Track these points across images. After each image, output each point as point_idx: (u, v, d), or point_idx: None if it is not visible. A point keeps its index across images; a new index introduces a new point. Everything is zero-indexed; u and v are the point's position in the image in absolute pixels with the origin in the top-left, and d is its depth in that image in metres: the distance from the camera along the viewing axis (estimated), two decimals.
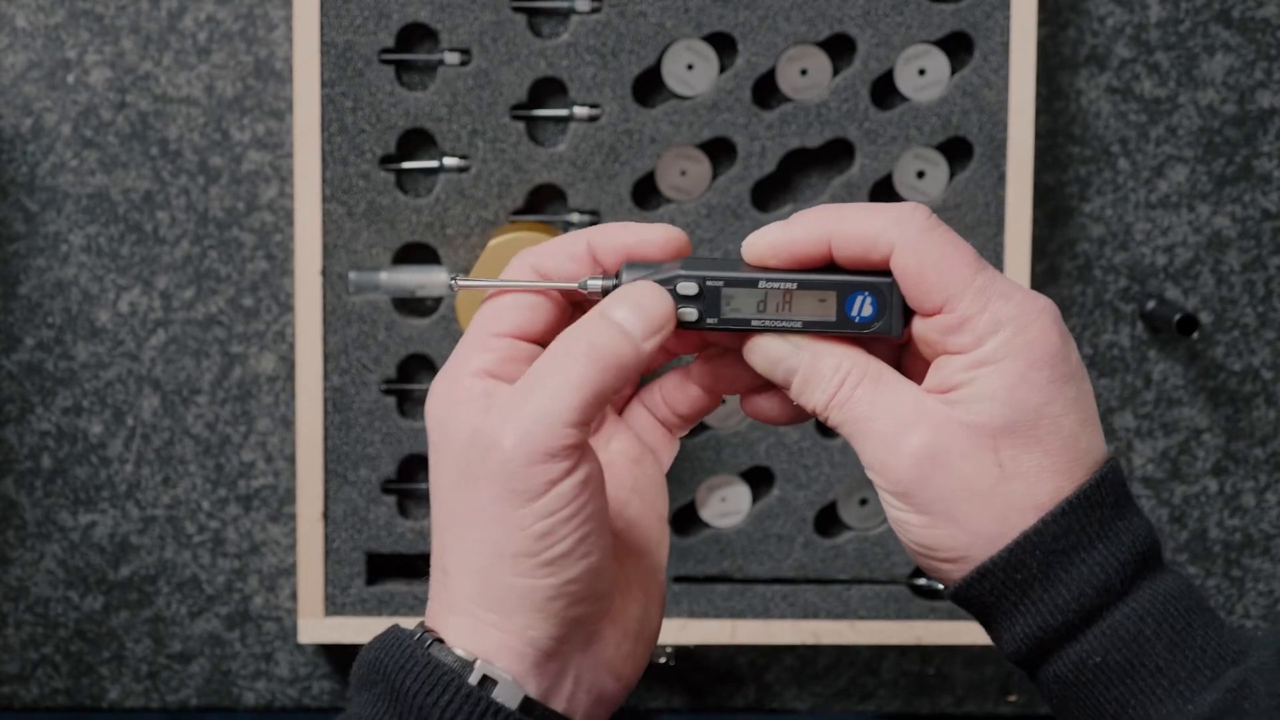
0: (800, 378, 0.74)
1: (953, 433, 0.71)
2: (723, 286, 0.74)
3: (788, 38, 1.15)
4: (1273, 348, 1.23)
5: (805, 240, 0.74)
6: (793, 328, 0.74)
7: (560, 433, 0.70)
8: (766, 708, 1.25)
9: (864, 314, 0.73)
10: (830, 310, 0.74)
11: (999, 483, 0.71)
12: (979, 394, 0.71)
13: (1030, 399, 0.71)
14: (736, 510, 1.19)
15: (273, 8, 1.19)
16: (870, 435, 0.73)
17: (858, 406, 0.73)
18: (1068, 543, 0.71)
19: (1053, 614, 0.71)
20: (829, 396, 0.73)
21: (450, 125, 1.16)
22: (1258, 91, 1.21)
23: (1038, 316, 0.72)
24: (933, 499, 0.71)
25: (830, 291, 0.73)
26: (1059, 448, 0.71)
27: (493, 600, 0.72)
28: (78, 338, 1.21)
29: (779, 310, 0.74)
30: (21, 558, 1.22)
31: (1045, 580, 0.71)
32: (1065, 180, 1.22)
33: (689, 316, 0.74)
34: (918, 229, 0.72)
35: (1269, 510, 1.25)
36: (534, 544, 0.71)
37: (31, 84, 1.19)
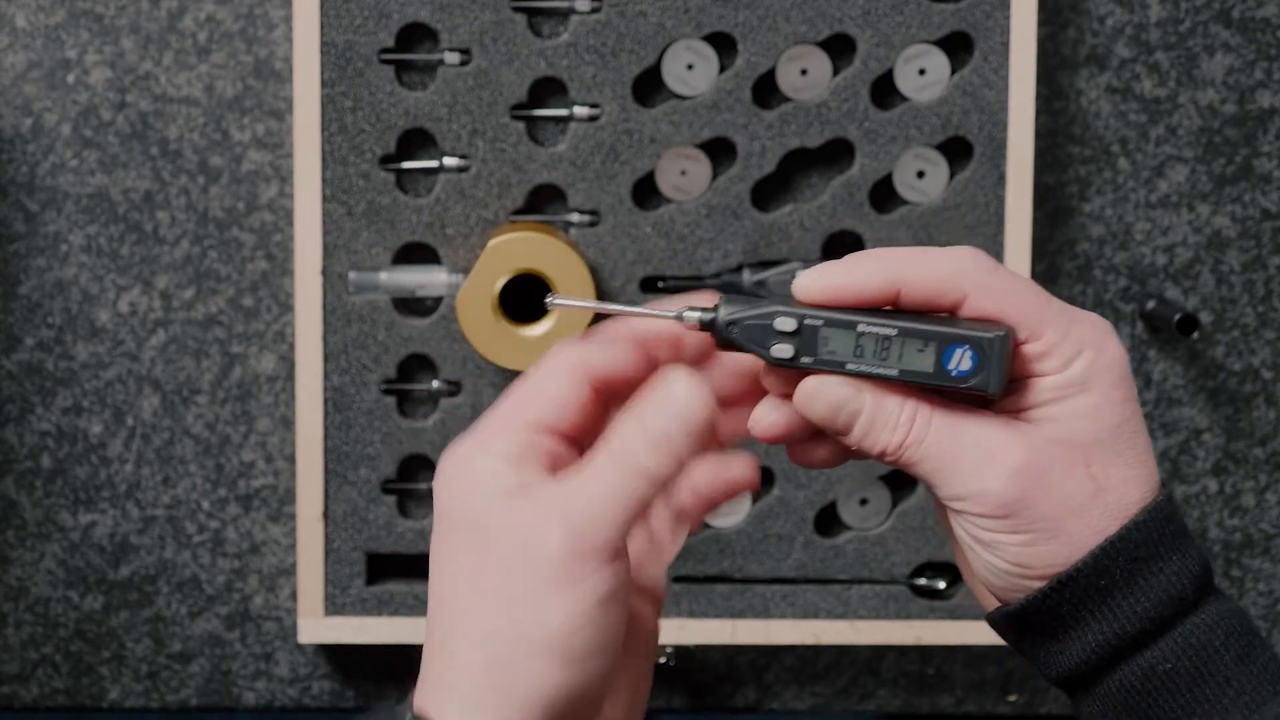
0: (865, 421, 0.74)
1: (1049, 450, 0.73)
2: (821, 326, 0.73)
3: (788, 38, 1.15)
4: (1273, 348, 1.23)
5: (872, 284, 0.73)
6: (888, 376, 0.73)
7: (608, 531, 0.70)
8: (766, 708, 1.25)
9: (961, 368, 0.72)
10: (928, 361, 0.72)
11: (1095, 495, 0.73)
12: (1068, 413, 0.73)
13: (1113, 416, 0.73)
14: (736, 510, 1.19)
15: (273, 8, 1.19)
16: (957, 467, 0.73)
17: (937, 442, 0.73)
18: (1148, 551, 0.73)
19: (1132, 621, 0.73)
20: (902, 437, 0.73)
21: (450, 125, 1.16)
22: (1258, 91, 1.22)
23: (1109, 336, 0.74)
24: (1036, 517, 0.73)
25: (930, 342, 0.73)
26: (1137, 460, 0.74)
27: (496, 682, 0.71)
28: (78, 338, 1.21)
29: (875, 356, 0.73)
30: (21, 558, 1.22)
31: (1128, 587, 0.73)
32: (1065, 180, 1.22)
33: (783, 354, 0.73)
34: (986, 271, 0.73)
35: (1269, 510, 1.25)
36: (559, 632, 0.70)
37: (31, 84, 1.19)
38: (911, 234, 1.16)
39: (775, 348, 0.73)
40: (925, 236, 1.16)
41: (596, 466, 0.72)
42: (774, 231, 1.17)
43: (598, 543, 0.70)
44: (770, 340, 0.73)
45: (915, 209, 1.17)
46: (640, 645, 0.79)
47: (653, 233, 1.16)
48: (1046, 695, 1.25)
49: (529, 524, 0.70)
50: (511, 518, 0.71)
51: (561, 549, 0.70)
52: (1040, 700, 1.25)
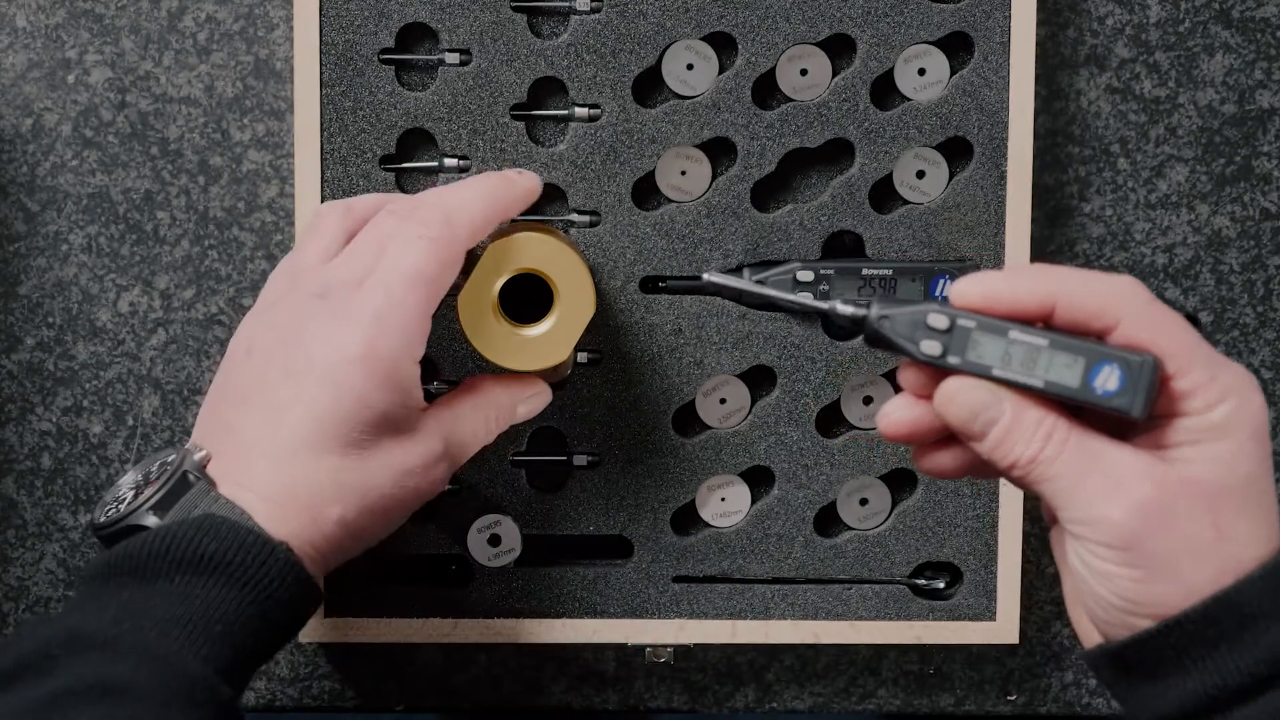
0: (1001, 430, 0.73)
1: (1177, 489, 0.72)
2: (974, 329, 0.73)
3: (788, 38, 1.15)
4: (1273, 348, 1.23)
5: (1030, 297, 0.73)
6: (1033, 387, 0.72)
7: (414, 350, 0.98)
8: (766, 708, 1.25)
9: (1108, 387, 0.72)
10: (1075, 376, 0.72)
11: (1217, 542, 0.72)
12: (1204, 456, 0.72)
13: (1246, 467, 0.73)
14: (736, 510, 1.19)
15: (273, 8, 1.19)
16: (1084, 490, 0.72)
17: (1069, 461, 0.72)
18: (1260, 608, 0.72)
19: (1236, 675, 0.72)
20: (1035, 451, 0.73)
21: (450, 125, 1.16)
22: (1258, 91, 1.22)
23: (1254, 389, 0.74)
24: (1156, 553, 0.72)
25: (1080, 357, 0.72)
26: (1263, 517, 0.73)
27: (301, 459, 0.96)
28: (78, 338, 1.21)
29: (1023, 365, 0.73)
30: (21, 558, 1.22)
31: (1236, 640, 0.72)
32: (1065, 180, 1.22)
33: (933, 350, 0.73)
34: (1145, 301, 0.73)
35: None
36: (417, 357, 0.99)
37: (31, 84, 1.19)
38: (911, 234, 1.16)
39: (924, 344, 0.73)
40: (925, 236, 1.16)
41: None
42: (774, 231, 1.17)
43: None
44: (920, 336, 0.73)
45: (915, 209, 1.17)
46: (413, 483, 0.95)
47: (653, 233, 1.16)
48: (1046, 695, 1.25)
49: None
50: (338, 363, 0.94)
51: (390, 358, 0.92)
52: (1040, 700, 1.25)
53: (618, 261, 1.16)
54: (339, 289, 0.96)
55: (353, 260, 0.98)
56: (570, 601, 1.18)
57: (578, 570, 1.18)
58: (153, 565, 0.83)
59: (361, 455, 0.92)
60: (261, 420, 0.92)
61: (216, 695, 0.80)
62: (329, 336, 0.93)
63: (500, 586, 1.18)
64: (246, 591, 0.83)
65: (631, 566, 1.18)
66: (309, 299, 0.96)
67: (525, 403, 1.04)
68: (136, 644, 0.80)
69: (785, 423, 1.17)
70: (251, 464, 0.91)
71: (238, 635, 0.83)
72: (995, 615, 1.18)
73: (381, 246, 0.97)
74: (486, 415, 1.02)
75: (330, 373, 0.92)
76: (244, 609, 0.83)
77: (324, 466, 0.91)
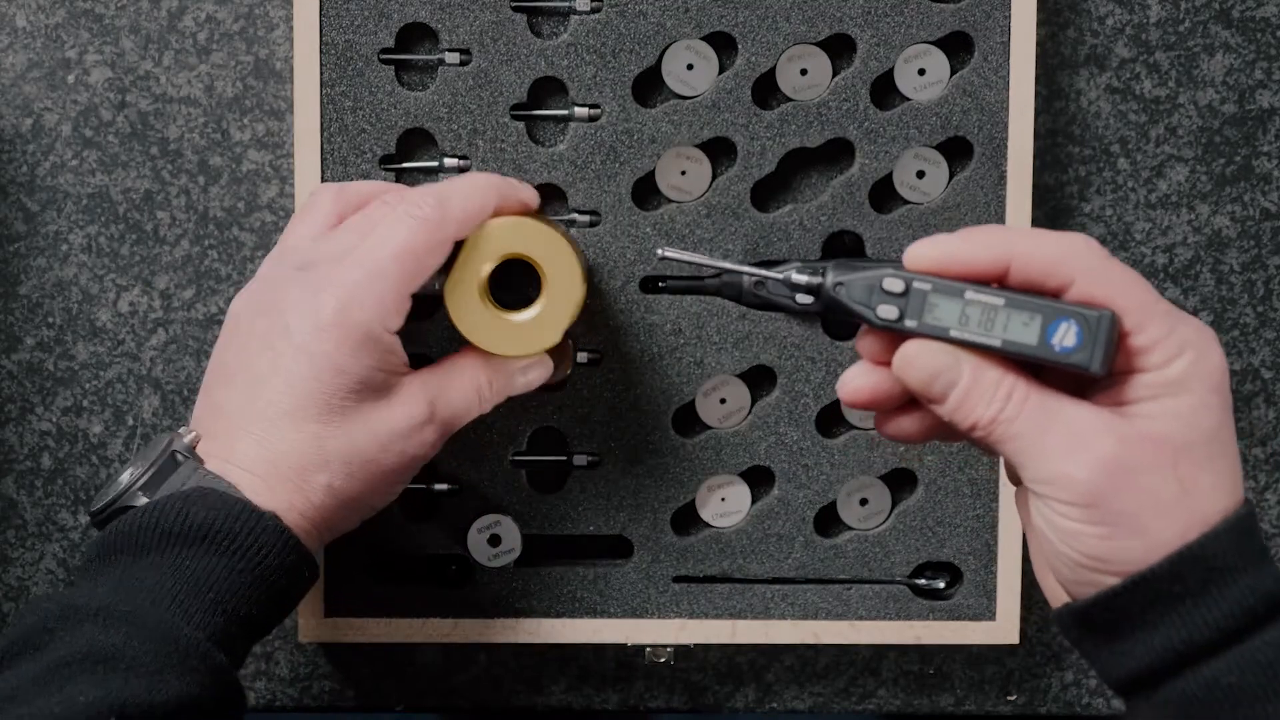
0: (961, 391, 0.73)
1: (1139, 445, 0.72)
2: (929, 291, 0.72)
3: (788, 38, 1.15)
4: (1273, 348, 1.23)
5: (984, 257, 0.73)
6: (992, 347, 0.72)
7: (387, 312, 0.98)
8: (766, 708, 1.25)
9: (1066, 344, 0.71)
10: (1033, 334, 0.71)
11: (1180, 498, 0.72)
12: (1164, 411, 0.72)
13: (1207, 421, 0.73)
14: (736, 510, 1.19)
15: (273, 8, 1.19)
16: (1046, 449, 0.72)
17: (1030, 420, 0.72)
18: (1224, 562, 0.72)
19: (1201, 629, 0.71)
20: (996, 411, 0.72)
21: (450, 125, 1.16)
22: (1258, 91, 1.22)
23: (1213, 343, 0.73)
24: (1120, 510, 0.71)
25: (1036, 314, 0.71)
26: (1226, 470, 0.73)
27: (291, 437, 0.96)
28: (78, 338, 1.21)
29: (981, 325, 0.72)
30: (21, 558, 1.22)
31: (1201, 595, 0.71)
32: (1065, 180, 1.22)
33: (889, 314, 0.73)
34: (1100, 258, 0.72)
35: (1269, 510, 1.25)
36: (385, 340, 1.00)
37: (31, 84, 1.19)
38: (912, 234, 1.16)
39: (881, 308, 0.72)
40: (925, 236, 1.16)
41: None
42: (774, 231, 1.17)
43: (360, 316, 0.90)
44: (876, 301, 0.72)
45: (915, 209, 1.17)
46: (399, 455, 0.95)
47: (653, 233, 1.16)
48: (1046, 695, 1.25)
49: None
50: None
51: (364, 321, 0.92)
52: (1040, 700, 1.25)
53: (618, 261, 1.16)
54: (321, 262, 0.96)
55: (340, 237, 0.98)
56: (570, 601, 1.18)
57: (578, 570, 1.18)
58: (143, 539, 0.84)
59: (344, 421, 0.92)
60: (243, 394, 0.93)
61: (210, 660, 0.81)
62: (305, 305, 0.93)
63: (500, 586, 1.18)
64: (236, 559, 0.83)
65: (631, 566, 1.18)
66: (291, 271, 0.97)
67: (524, 372, 1.03)
68: (129, 614, 0.80)
69: (785, 423, 1.17)
70: (236, 439, 0.92)
71: (230, 603, 0.83)
72: (995, 615, 1.18)
73: (371, 226, 0.97)
74: (478, 381, 1.01)
75: (305, 340, 0.92)
76: (235, 577, 0.83)
77: (306, 434, 0.91)
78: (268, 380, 0.92)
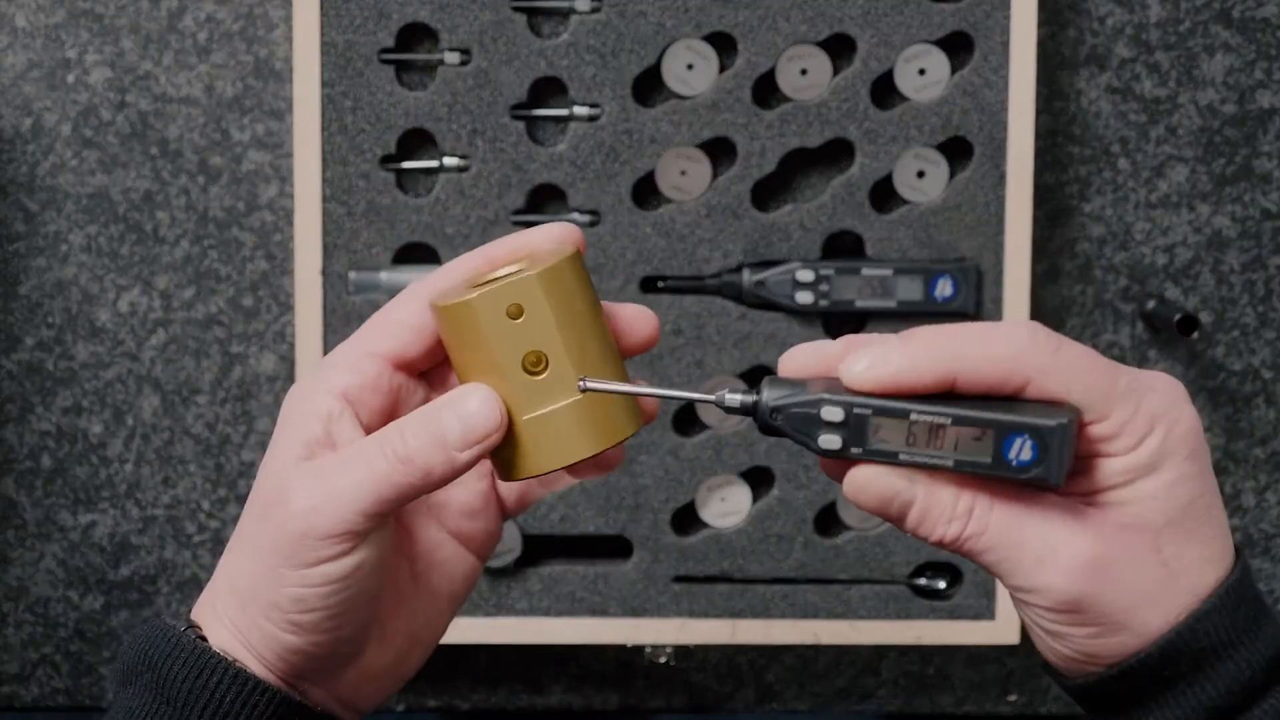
0: (918, 511, 0.69)
1: (1117, 539, 0.69)
2: (870, 415, 0.68)
3: (788, 38, 1.15)
4: (1273, 348, 1.23)
5: (927, 376, 0.67)
6: (943, 466, 0.69)
7: (348, 520, 0.71)
8: (766, 708, 1.25)
9: (1022, 458, 0.67)
10: (986, 450, 0.66)
11: (1166, 582, 0.69)
12: (1139, 495, 0.69)
13: (1187, 494, 0.70)
14: (736, 510, 1.19)
15: (273, 8, 1.19)
16: (1021, 561, 0.69)
17: (1000, 532, 0.69)
18: (1215, 639, 0.70)
19: (1195, 712, 0.70)
20: (959, 530, 0.69)
21: (450, 125, 1.16)
22: (1258, 91, 1.21)
23: (1182, 405, 0.69)
24: (1104, 611, 0.69)
25: (987, 431, 0.67)
26: (1212, 537, 0.70)
27: (244, 627, 0.74)
28: (78, 338, 1.21)
29: (929, 445, 0.68)
30: (21, 558, 1.22)
31: (1193, 676, 0.70)
32: (1065, 180, 1.22)
33: (831, 445, 0.68)
34: (1049, 352, 0.68)
35: (1269, 510, 1.25)
36: (287, 603, 0.72)
37: (31, 84, 1.19)
38: (911, 234, 1.16)
39: (823, 438, 0.68)
40: (925, 236, 1.16)
41: (364, 448, 0.72)
42: (774, 231, 1.17)
43: (332, 528, 0.71)
44: (817, 430, 0.68)
45: (915, 209, 1.17)
46: (437, 594, 0.78)
47: (653, 233, 1.16)
48: (1046, 695, 1.25)
49: (285, 488, 0.72)
50: (281, 483, 0.72)
51: (295, 523, 0.71)
52: (1040, 700, 1.25)
53: (618, 261, 1.16)
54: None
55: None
56: (570, 601, 1.18)
57: (578, 570, 1.18)
58: (114, 677, 0.80)
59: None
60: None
61: None
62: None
63: (500, 586, 1.18)
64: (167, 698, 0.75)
65: (631, 566, 1.18)
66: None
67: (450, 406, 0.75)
68: None
69: None
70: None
71: None
72: (995, 615, 1.18)
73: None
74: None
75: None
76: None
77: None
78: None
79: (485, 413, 0.71)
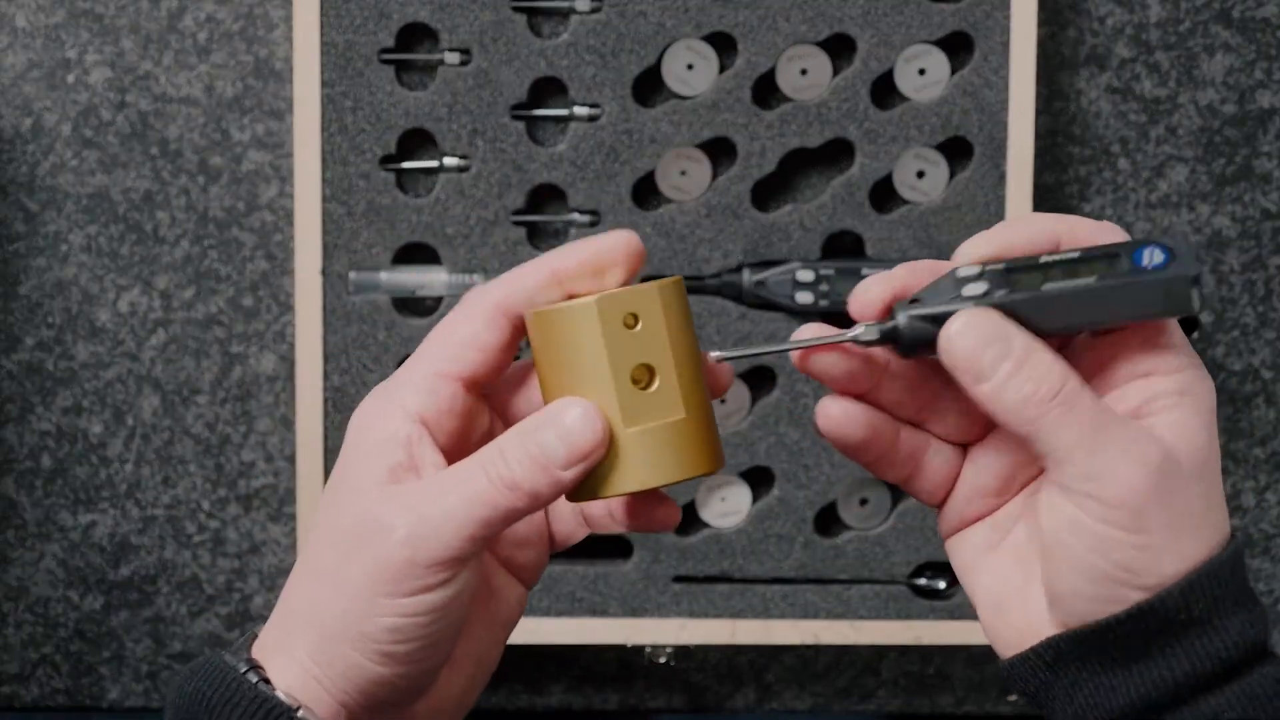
0: (1014, 362, 0.68)
1: (1177, 455, 0.69)
2: (1006, 267, 0.70)
3: (788, 38, 1.15)
4: (1273, 348, 1.23)
5: (1034, 239, 0.69)
6: (1086, 286, 0.67)
7: (453, 547, 0.69)
8: (766, 708, 1.25)
9: (1155, 261, 0.68)
10: (1123, 265, 0.68)
11: (1206, 513, 0.70)
12: (1182, 423, 0.69)
13: (1211, 443, 0.70)
14: (736, 510, 1.19)
15: (273, 8, 1.19)
16: (1101, 442, 0.68)
17: (1086, 410, 0.68)
18: (1231, 592, 0.70)
19: (1204, 661, 0.70)
20: (1052, 390, 0.68)
21: (450, 125, 1.16)
22: (1258, 91, 1.22)
23: (1202, 365, 0.71)
24: (1161, 520, 0.69)
25: (1116, 250, 0.68)
26: (1220, 495, 0.71)
27: (324, 661, 0.71)
28: (78, 338, 1.21)
29: (1066, 276, 0.68)
30: (21, 558, 1.22)
31: (1205, 625, 0.70)
32: (1065, 180, 1.22)
33: (977, 291, 0.69)
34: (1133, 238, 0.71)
35: (1269, 510, 1.25)
36: (380, 634, 0.70)
37: (31, 84, 1.19)
38: (911, 234, 1.16)
39: (966, 288, 0.69)
40: (925, 236, 1.16)
41: (462, 472, 0.69)
42: (774, 231, 1.17)
43: (438, 555, 0.68)
44: (958, 291, 0.69)
45: (915, 209, 1.17)
46: (495, 621, 0.77)
47: (653, 233, 1.16)
48: None
49: (381, 518, 0.69)
50: (367, 514, 0.69)
51: (401, 552, 0.68)
52: None
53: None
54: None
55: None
56: (570, 601, 1.18)
57: (578, 570, 1.18)
58: (170, 712, 0.78)
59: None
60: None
61: None
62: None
63: None
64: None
65: (631, 566, 1.18)
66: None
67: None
68: None
69: (785, 423, 1.17)
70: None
71: None
72: None
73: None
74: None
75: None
76: None
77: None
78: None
79: (588, 427, 0.69)
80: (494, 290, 0.72)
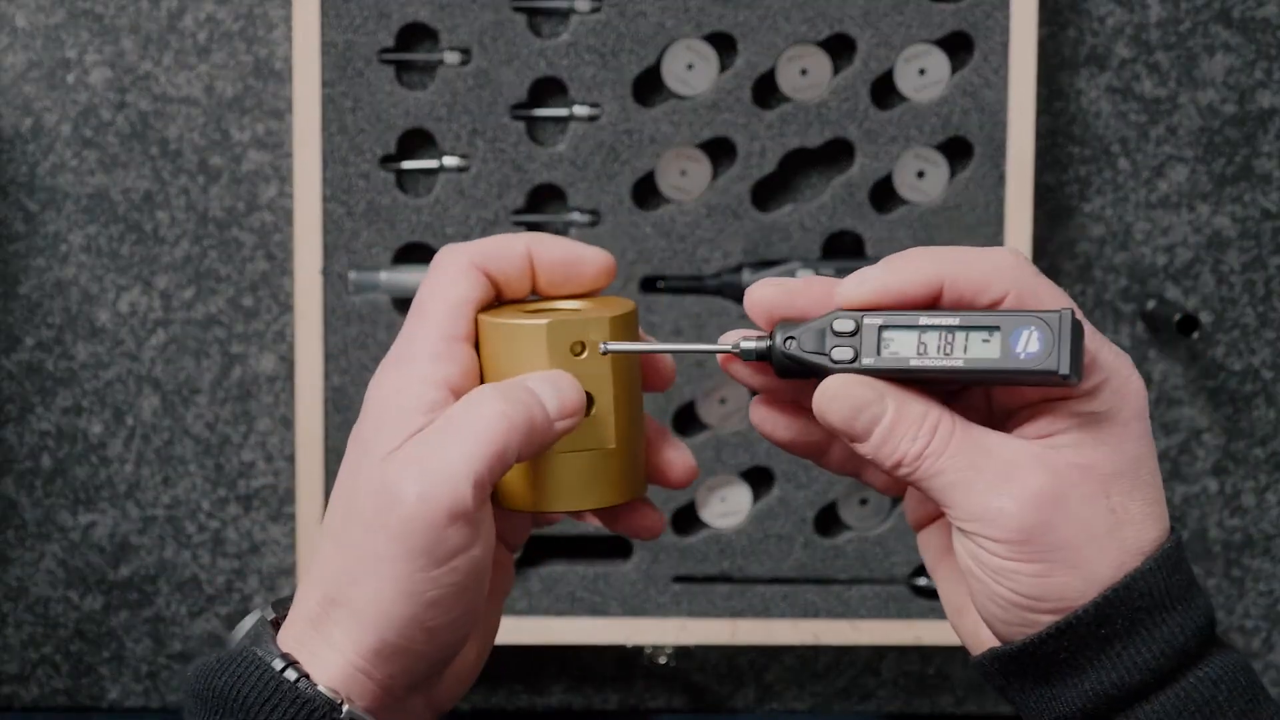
0: (885, 427, 0.70)
1: (1070, 475, 0.69)
2: (881, 326, 0.70)
3: (788, 38, 1.15)
4: (1273, 348, 1.23)
5: (916, 284, 0.70)
6: (954, 369, 0.69)
7: (463, 492, 0.69)
8: (766, 708, 1.25)
9: (1030, 349, 0.68)
10: (995, 348, 0.69)
11: (1114, 528, 0.70)
12: (1090, 439, 0.70)
13: (1134, 448, 0.70)
14: (736, 510, 1.19)
15: (273, 8, 1.19)
16: (975, 484, 0.69)
17: (957, 455, 0.69)
18: (1153, 600, 0.70)
19: (1131, 671, 0.70)
20: (922, 446, 0.70)
21: (450, 125, 1.16)
22: (1258, 91, 1.22)
23: (1132, 369, 0.71)
24: (1053, 545, 0.69)
25: (995, 328, 0.68)
26: (1154, 498, 0.71)
27: (370, 649, 0.71)
28: (78, 338, 1.21)
29: (939, 351, 0.69)
30: (21, 558, 1.22)
31: (1130, 636, 0.70)
32: (1065, 180, 1.22)
33: (845, 355, 0.70)
34: (1030, 273, 0.70)
35: (1269, 510, 1.25)
36: (426, 611, 0.70)
37: (31, 84, 1.19)
38: (911, 234, 1.16)
39: (835, 351, 0.70)
40: (925, 236, 1.16)
41: (454, 416, 0.70)
42: (774, 231, 1.17)
43: (453, 503, 0.69)
44: (830, 345, 0.70)
45: (915, 209, 1.17)
46: (498, 588, 0.78)
47: (653, 233, 1.16)
48: None
49: (388, 486, 0.70)
50: (382, 479, 0.70)
51: (419, 510, 0.69)
52: None
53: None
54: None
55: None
56: (570, 601, 1.18)
57: (578, 570, 1.18)
58: (187, 703, 0.77)
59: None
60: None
61: None
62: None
63: None
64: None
65: (631, 566, 1.18)
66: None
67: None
68: None
69: None
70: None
71: None
72: None
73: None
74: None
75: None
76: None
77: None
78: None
79: (571, 388, 0.71)
80: (470, 250, 0.74)
